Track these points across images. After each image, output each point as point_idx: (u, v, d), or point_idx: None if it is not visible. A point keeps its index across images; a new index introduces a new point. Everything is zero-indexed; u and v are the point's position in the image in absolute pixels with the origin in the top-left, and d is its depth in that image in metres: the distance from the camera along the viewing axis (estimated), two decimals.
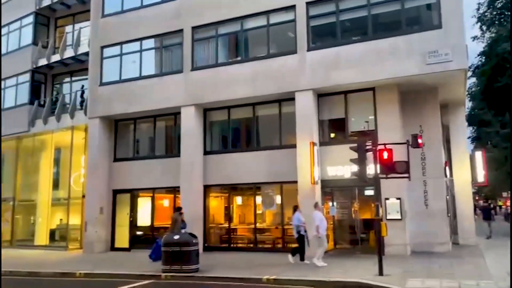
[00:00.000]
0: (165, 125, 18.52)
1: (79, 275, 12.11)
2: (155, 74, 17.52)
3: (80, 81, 21.13)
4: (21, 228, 21.72)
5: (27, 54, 21.45)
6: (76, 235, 19.43)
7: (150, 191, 17.87)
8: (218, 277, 10.76)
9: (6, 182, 22.93)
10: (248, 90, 15.45)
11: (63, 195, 20.83)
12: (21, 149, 22.02)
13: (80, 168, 19.77)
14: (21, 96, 21.61)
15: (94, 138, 18.18)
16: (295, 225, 12.49)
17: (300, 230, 12.40)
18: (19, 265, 14.11)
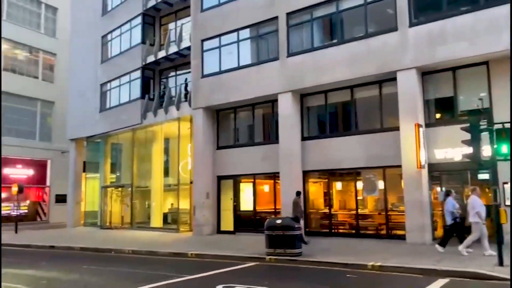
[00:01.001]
0: (263, 113, 18.90)
1: (191, 255, 13.03)
2: (252, 63, 17.91)
3: (184, 75, 22.49)
4: (138, 212, 24.00)
5: (137, 53, 23.41)
6: (186, 219, 20.93)
7: (251, 177, 18.47)
8: (322, 261, 10.78)
9: (124, 170, 25.53)
10: (347, 72, 15.06)
11: (173, 182, 22.55)
12: (135, 140, 24.23)
13: (187, 156, 21.17)
14: (134, 91, 23.69)
15: (198, 128, 19.28)
16: (449, 211, 11.53)
17: (456, 217, 11.53)
18: (139, 244, 15.66)
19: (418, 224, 13.15)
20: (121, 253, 14.53)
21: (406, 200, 13.61)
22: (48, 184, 34.03)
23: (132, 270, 10.95)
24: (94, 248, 15.61)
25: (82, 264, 12.07)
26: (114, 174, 26.42)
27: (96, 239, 18.76)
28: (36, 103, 33.79)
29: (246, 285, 8.29)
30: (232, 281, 8.65)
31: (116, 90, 25.08)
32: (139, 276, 10.12)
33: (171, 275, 9.85)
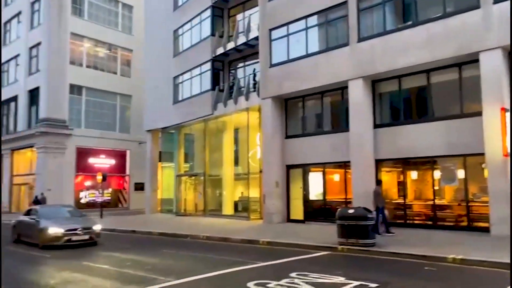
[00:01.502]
0: (333, 100, 18.56)
1: (262, 243, 13.26)
2: (320, 51, 17.62)
3: (252, 65, 22.74)
4: (210, 200, 24.85)
5: (207, 45, 24.05)
6: (256, 207, 21.30)
7: (321, 166, 18.30)
8: (397, 253, 10.44)
9: (197, 159, 26.51)
10: (423, 55, 14.27)
11: (242, 171, 23.02)
12: (207, 130, 25.01)
13: (256, 146, 21.47)
14: (204, 83, 24.42)
15: (267, 117, 19.43)
16: None
17: None
18: (212, 231, 16.24)
19: (504, 216, 12.21)
20: (196, 239, 15.16)
21: (490, 190, 12.69)
22: (127, 173, 36.39)
23: (207, 255, 11.39)
24: (171, 234, 16.45)
25: (162, 248, 12.79)
26: (187, 163, 27.53)
27: (172, 225, 19.75)
28: (115, 97, 36.13)
29: (319, 273, 8.28)
30: (304, 269, 8.68)
31: (188, 83, 26.01)
32: (214, 261, 10.50)
33: (244, 261, 10.11)
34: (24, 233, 14.63)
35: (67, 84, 32.54)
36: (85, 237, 13.39)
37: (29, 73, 34.11)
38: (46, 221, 13.49)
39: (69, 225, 13.46)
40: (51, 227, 13.18)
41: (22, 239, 14.57)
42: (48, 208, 16.36)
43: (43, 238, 13.13)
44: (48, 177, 30.44)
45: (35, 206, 15.94)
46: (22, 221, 15.01)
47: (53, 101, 31.63)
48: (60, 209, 15.88)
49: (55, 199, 30.06)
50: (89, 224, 14.05)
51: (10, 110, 36.46)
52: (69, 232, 13.15)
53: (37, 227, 13.45)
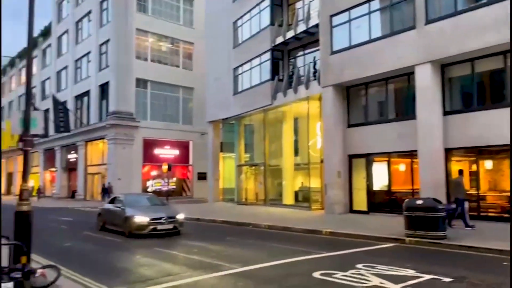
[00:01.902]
0: (398, 87, 17.80)
1: (325, 233, 13.10)
2: (384, 35, 16.90)
3: (312, 53, 22.39)
4: (271, 189, 24.98)
5: (266, 35, 24.01)
6: (317, 197, 21.09)
7: (385, 156, 17.67)
8: (470, 246, 9.84)
9: (257, 149, 26.71)
10: (499, 36, 13.17)
11: (302, 161, 22.87)
12: (266, 120, 25.09)
13: (316, 135, 21.19)
14: (264, 73, 24.45)
15: (328, 106, 19.06)
16: None
17: None
18: (274, 220, 16.31)
19: None
20: (258, 228, 15.32)
21: None
22: (191, 163, 37.59)
23: (270, 244, 11.45)
24: (234, 222, 16.75)
25: (225, 236, 13.07)
26: (247, 153, 27.85)
27: (234, 213, 20.11)
28: (178, 90, 37.33)
29: (387, 265, 8.01)
30: (371, 261, 8.44)
31: (248, 73, 26.18)
32: (277, 249, 10.54)
33: (308, 250, 10.04)
34: (109, 221, 14.57)
35: (134, 78, 34.13)
36: (169, 226, 13.17)
37: (100, 69, 36.15)
38: (131, 210, 13.40)
39: (153, 214, 13.27)
40: (137, 215, 13.01)
41: (107, 226, 14.55)
42: (132, 197, 16.23)
43: (129, 227, 12.97)
44: (118, 167, 32.26)
45: (119, 195, 15.98)
46: (107, 209, 15.01)
47: (121, 95, 33.35)
48: (143, 198, 15.78)
49: (124, 188, 31.79)
50: (172, 213, 13.74)
51: (83, 104, 38.97)
52: (154, 221, 12.96)
53: (122, 216, 13.37)
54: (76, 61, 40.29)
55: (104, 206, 15.67)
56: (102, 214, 15.30)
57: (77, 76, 40.12)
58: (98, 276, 7.63)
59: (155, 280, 7.42)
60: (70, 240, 12.75)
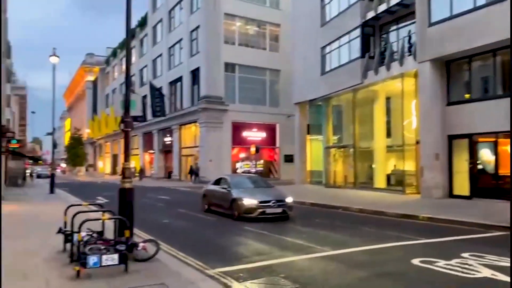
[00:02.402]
0: (506, 60, 15.82)
1: (422, 218, 12.26)
2: (492, 2, 15.04)
3: (406, 27, 20.88)
4: (361, 172, 24.11)
5: (356, 11, 22.86)
6: (411, 180, 19.87)
7: (492, 136, 15.97)
8: None
9: (345, 131, 25.89)
10: None
11: (395, 142, 21.64)
12: (356, 100, 24.10)
13: (411, 115, 19.85)
14: (353, 51, 23.42)
15: (425, 83, 17.69)
16: None
17: None
18: (365, 204, 15.70)
19: None
20: (348, 211, 14.87)
21: None
22: (277, 145, 37.81)
23: (361, 228, 11.02)
24: (322, 204, 16.47)
25: (315, 218, 12.87)
26: (336, 135, 27.14)
27: (322, 196, 19.78)
28: (265, 72, 37.52)
29: (498, 256, 7.19)
30: (478, 250, 7.65)
31: (336, 52, 25.30)
32: (369, 234, 10.09)
33: (404, 236, 9.45)
34: (214, 202, 14.15)
35: (222, 63, 34.99)
36: (278, 210, 12.41)
37: (191, 55, 37.64)
38: (238, 192, 12.89)
39: (262, 197, 12.59)
40: (246, 198, 12.44)
41: (213, 208, 14.21)
42: (238, 178, 15.85)
43: (237, 210, 12.47)
44: (209, 149, 33.59)
45: (224, 176, 15.47)
46: (213, 190, 14.51)
47: (211, 80, 34.44)
48: (249, 179, 14.99)
49: (215, 169, 33.06)
50: (281, 196, 13.02)
51: (176, 89, 41.00)
52: (262, 204, 12.28)
53: (229, 198, 12.92)
54: (169, 48, 42.40)
55: (208, 187, 15.13)
56: (207, 195, 14.85)
57: (171, 63, 42.25)
58: (193, 252, 7.91)
59: (248, 258, 7.49)
60: (168, 217, 13.52)
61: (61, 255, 7.18)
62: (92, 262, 5.79)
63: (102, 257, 5.88)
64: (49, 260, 6.89)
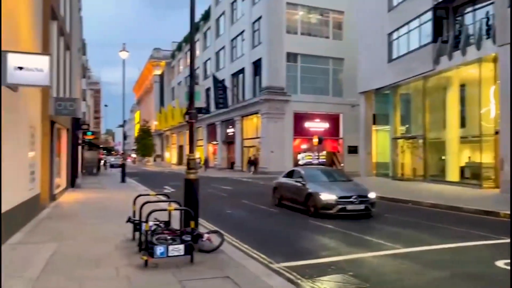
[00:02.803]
0: None
1: (503, 215, 11.25)
2: None
3: (484, 8, 19.20)
4: (431, 164, 22.77)
5: None
6: (489, 174, 18.41)
7: None
8: None
9: (414, 121, 24.57)
10: None
11: (471, 132, 20.15)
12: (426, 88, 22.73)
13: (489, 103, 18.31)
14: (424, 36, 22.04)
15: (505, 67, 16.14)
16: None
17: None
18: (437, 198, 14.76)
19: None
20: (418, 205, 14.05)
21: None
22: (341, 136, 36.89)
23: (434, 224, 10.29)
24: (390, 198, 15.72)
25: (383, 213, 12.25)
26: (404, 125, 25.87)
27: (389, 189, 18.91)
28: (328, 61, 36.63)
29: None
30: None
31: (404, 38, 24.00)
32: (443, 231, 9.40)
33: (484, 234, 8.70)
34: (287, 196, 13.30)
35: (284, 53, 34.64)
36: (360, 206, 11.24)
37: (253, 46, 37.68)
38: (314, 186, 11.90)
39: (341, 192, 11.50)
40: (323, 193, 11.38)
41: (285, 202, 13.37)
42: (312, 170, 14.55)
43: (314, 205, 11.48)
44: (271, 140, 33.54)
45: (297, 168, 14.68)
46: (285, 183, 13.59)
47: (273, 70, 34.25)
48: (325, 172, 13.84)
49: (277, 161, 33.02)
50: (363, 191, 11.81)
51: (238, 81, 41.34)
52: (342, 200, 11.19)
53: (304, 192, 12.00)
54: (231, 40, 42.79)
55: (280, 180, 14.16)
56: (278, 188, 13.96)
57: (233, 55, 42.64)
58: (258, 245, 7.81)
59: (314, 253, 7.25)
60: (231, 208, 13.60)
61: (130, 243, 7.40)
62: (159, 252, 5.86)
63: (168, 247, 5.93)
64: (120, 248, 7.12)
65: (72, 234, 8.30)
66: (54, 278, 5.42)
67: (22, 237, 7.94)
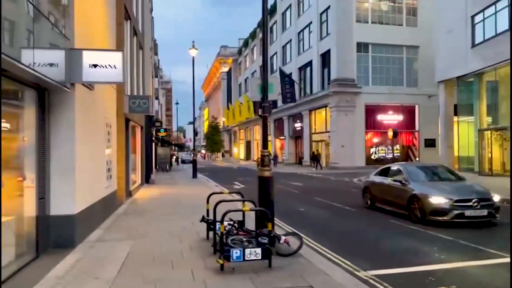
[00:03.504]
0: None
1: None
2: None
3: None
4: None
5: None
6: None
7: None
8: None
9: (503, 111, 22.23)
10: None
11: None
12: None
13: None
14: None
15: None
16: None
17: None
18: None
19: None
20: None
21: None
22: (416, 129, 34.69)
23: None
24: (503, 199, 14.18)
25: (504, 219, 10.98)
26: (490, 115, 23.52)
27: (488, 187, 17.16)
28: (401, 50, 34.57)
29: None
30: None
31: (491, 19, 21.74)
32: None
33: None
34: (382, 198, 11.39)
35: (354, 43, 33.20)
36: (483, 212, 9.18)
37: (320, 38, 36.62)
38: (420, 186, 10.02)
39: (457, 194, 9.45)
40: (434, 195, 9.44)
41: (379, 205, 11.51)
42: (415, 168, 11.72)
43: (421, 209, 9.54)
44: (341, 134, 32.38)
45: (394, 164, 12.38)
46: (380, 183, 11.66)
47: (342, 61, 32.98)
48: (430, 169, 11.49)
49: (347, 156, 31.88)
50: (484, 193, 9.73)
51: (306, 74, 40.50)
52: (460, 204, 9.16)
53: (407, 194, 10.10)
54: (298, 33, 41.99)
55: (372, 179, 12.33)
56: (370, 188, 12.12)
57: (300, 48, 41.83)
58: (340, 248, 7.20)
59: (404, 259, 6.48)
60: (303, 206, 13.03)
61: (204, 243, 7.14)
62: (236, 255, 5.48)
63: (245, 250, 5.53)
64: (194, 247, 6.88)
65: (147, 231, 8.26)
66: (130, 280, 5.25)
67: (101, 234, 8.02)
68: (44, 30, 5.89)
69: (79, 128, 6.97)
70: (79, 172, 6.92)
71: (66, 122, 6.67)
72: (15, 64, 4.70)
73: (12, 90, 5.59)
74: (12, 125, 5.71)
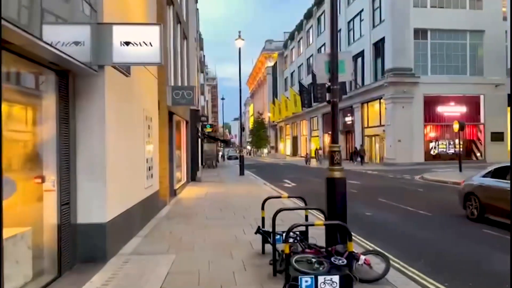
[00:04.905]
0: None
1: None
2: None
3: None
4: None
5: None
6: None
7: None
8: None
9: None
10: None
11: None
12: None
13: None
14: None
15: None
16: None
17: None
18: None
19: None
20: None
21: None
22: (481, 121, 31.64)
23: None
24: None
25: None
26: None
27: None
28: (464, 35, 31.59)
29: None
30: None
31: None
32: None
33: None
34: (498, 207, 8.59)
35: (411, 29, 30.68)
36: None
37: (373, 26, 34.32)
38: None
39: None
40: None
41: (493, 217, 8.85)
42: None
43: None
44: (397, 127, 30.06)
45: None
46: (492, 187, 8.95)
47: (398, 50, 30.57)
48: None
49: (405, 151, 29.58)
50: None
51: (357, 65, 38.22)
52: None
53: None
54: (348, 22, 39.78)
55: (479, 182, 9.49)
56: (478, 194, 9.31)
57: (350, 38, 39.63)
58: (431, 269, 5.63)
59: None
60: (369, 209, 11.42)
61: (260, 259, 5.80)
62: (306, 285, 4.11)
63: (317, 278, 4.15)
64: (248, 266, 5.56)
65: (191, 241, 7.04)
66: None
67: (138, 243, 6.90)
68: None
69: (111, 120, 5.85)
70: (111, 172, 5.80)
71: (96, 112, 5.56)
72: (22, 35, 3.57)
73: (24, 72, 4.51)
74: (24, 116, 4.64)
